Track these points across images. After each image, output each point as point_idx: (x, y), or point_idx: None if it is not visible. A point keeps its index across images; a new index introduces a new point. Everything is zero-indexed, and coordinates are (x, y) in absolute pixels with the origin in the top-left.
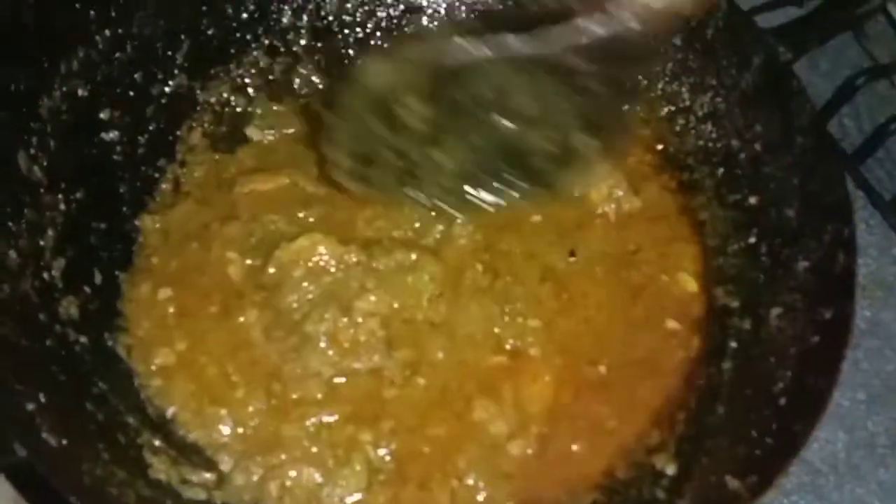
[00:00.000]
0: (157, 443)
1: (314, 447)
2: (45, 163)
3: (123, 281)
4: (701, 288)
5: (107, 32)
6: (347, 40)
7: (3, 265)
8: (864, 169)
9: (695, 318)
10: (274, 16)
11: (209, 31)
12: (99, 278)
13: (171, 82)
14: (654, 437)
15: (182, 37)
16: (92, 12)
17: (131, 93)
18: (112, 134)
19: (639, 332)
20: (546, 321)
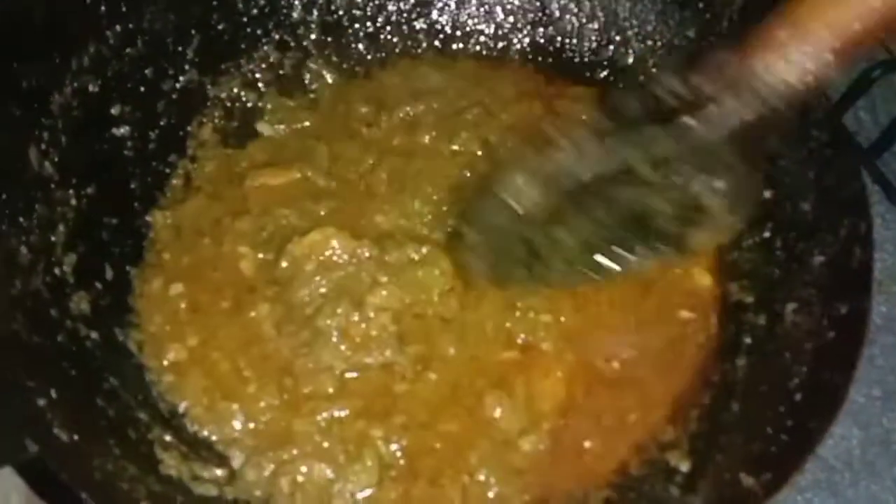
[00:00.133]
0: (168, 438)
1: (325, 442)
2: (57, 158)
3: (134, 276)
4: (715, 282)
5: (117, 28)
6: (358, 35)
7: (14, 261)
8: (880, 163)
9: (708, 308)
10: (284, 11)
11: (219, 26)
12: (110, 274)
13: (181, 77)
14: (668, 434)
15: (192, 32)
16: (102, 8)
17: (142, 88)
18: (123, 129)
19: (652, 326)
20: (558, 316)
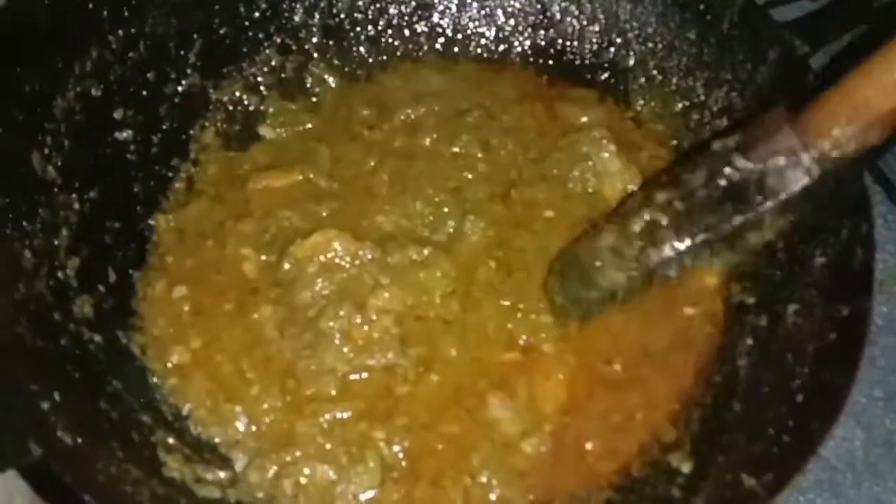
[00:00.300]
0: (171, 441)
1: (328, 444)
2: (60, 163)
3: (137, 280)
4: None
5: (120, 32)
6: (359, 38)
7: (17, 265)
8: (881, 163)
9: (714, 305)
10: (286, 14)
11: (221, 31)
12: (113, 277)
13: (183, 81)
14: (670, 435)
15: (194, 36)
16: (105, 13)
17: (144, 92)
18: (125, 133)
19: (655, 325)
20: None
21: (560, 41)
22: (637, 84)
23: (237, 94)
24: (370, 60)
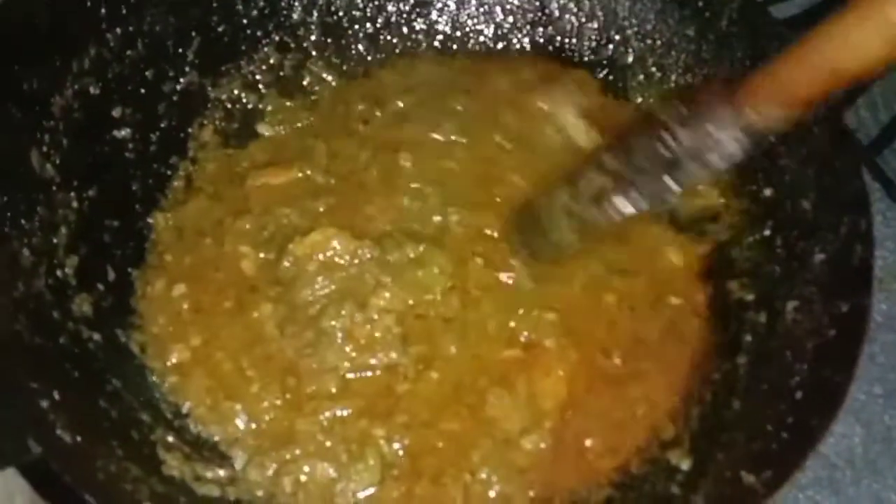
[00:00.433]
0: (170, 439)
1: (328, 442)
2: (58, 161)
3: (136, 278)
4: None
5: (118, 30)
6: (357, 36)
7: (16, 263)
8: (880, 160)
9: (693, 291)
10: (284, 12)
11: (219, 28)
12: (112, 275)
13: (182, 79)
14: (669, 432)
15: (193, 34)
16: (103, 10)
17: (143, 90)
18: (124, 131)
19: (645, 316)
20: (562, 314)
21: (559, 38)
22: (636, 81)
23: (235, 92)
24: (368, 58)
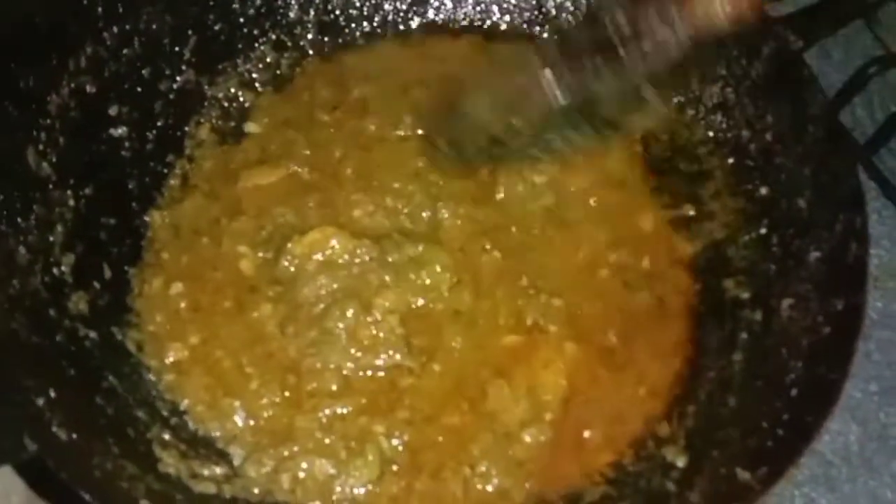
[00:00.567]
0: (166, 437)
1: (327, 438)
2: (54, 159)
3: (133, 276)
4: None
5: (114, 29)
6: (354, 34)
7: (12, 261)
8: (876, 159)
9: (671, 263)
10: (281, 10)
11: (216, 27)
12: (108, 274)
13: (178, 78)
14: (664, 429)
15: (189, 32)
16: (99, 9)
17: (139, 89)
18: (120, 130)
19: (634, 289)
20: (569, 300)
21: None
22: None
23: (232, 90)
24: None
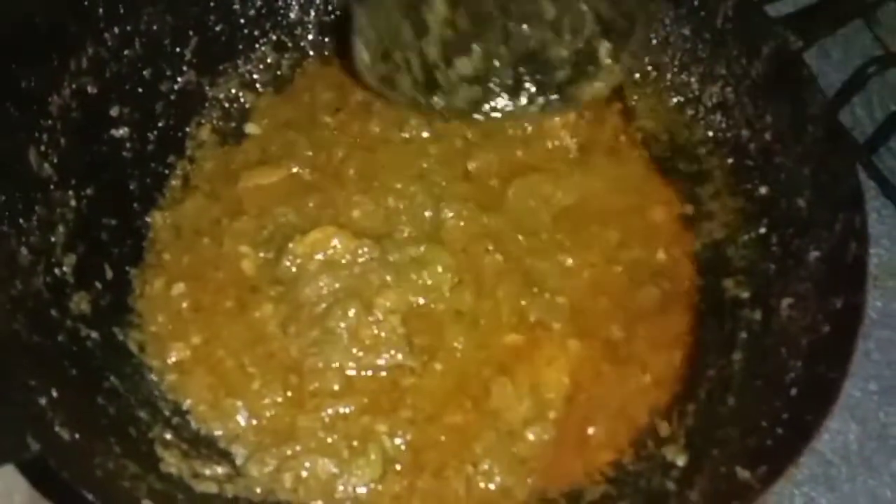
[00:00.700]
0: (168, 436)
1: (329, 438)
2: (56, 160)
3: (134, 277)
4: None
5: (115, 30)
6: None
7: (14, 262)
8: (875, 158)
9: (678, 256)
10: (281, 11)
11: (217, 28)
12: (110, 274)
13: (179, 78)
14: (665, 429)
15: (190, 33)
16: (100, 10)
17: (140, 89)
18: (122, 130)
19: (640, 283)
20: (572, 298)
21: None
22: (631, 80)
23: (233, 91)
24: None
